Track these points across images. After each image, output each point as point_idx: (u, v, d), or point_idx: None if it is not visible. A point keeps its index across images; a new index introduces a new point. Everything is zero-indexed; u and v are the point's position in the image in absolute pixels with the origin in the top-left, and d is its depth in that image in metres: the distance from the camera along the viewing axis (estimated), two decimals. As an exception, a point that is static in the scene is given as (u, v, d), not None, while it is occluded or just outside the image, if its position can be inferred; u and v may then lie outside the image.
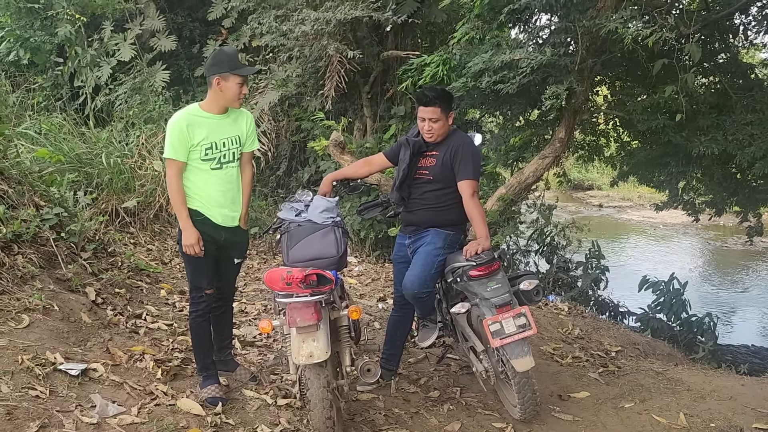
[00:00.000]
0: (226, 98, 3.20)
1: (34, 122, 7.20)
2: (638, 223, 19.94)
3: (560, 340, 4.89)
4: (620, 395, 3.80)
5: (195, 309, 3.36)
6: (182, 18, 10.27)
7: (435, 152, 3.49)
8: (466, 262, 3.25)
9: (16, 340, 3.28)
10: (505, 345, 3.07)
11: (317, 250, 3.11)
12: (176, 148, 3.14)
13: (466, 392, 3.79)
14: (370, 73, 8.69)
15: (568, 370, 4.25)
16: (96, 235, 5.04)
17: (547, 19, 6.18)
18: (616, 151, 9.14)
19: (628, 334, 5.70)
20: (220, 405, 3.23)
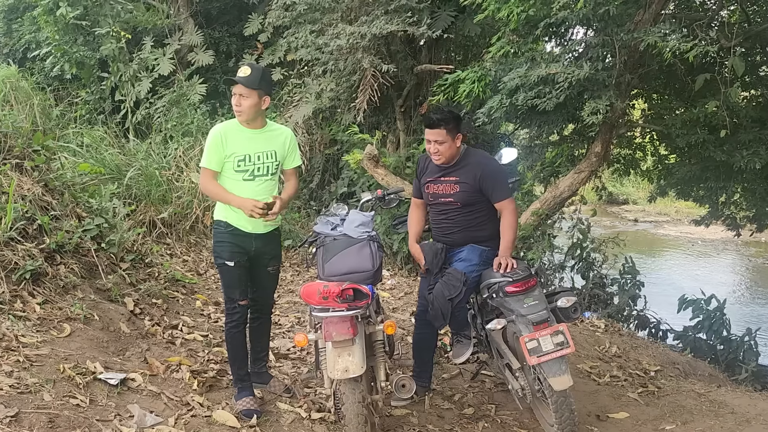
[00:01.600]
0: (263, 109, 3.27)
1: (77, 135, 7.40)
2: (676, 239, 19.50)
3: (597, 358, 4.79)
4: (661, 417, 3.70)
5: (230, 320, 3.39)
6: (219, 33, 10.48)
7: (452, 177, 3.53)
8: (501, 278, 3.22)
9: (58, 349, 3.36)
10: (542, 363, 3.02)
11: (353, 264, 3.11)
12: (210, 157, 3.26)
13: (501, 410, 3.74)
14: (403, 87, 8.73)
15: (606, 389, 4.15)
16: (134, 246, 5.15)
17: (584, 33, 6.11)
18: (653, 165, 8.97)
19: (668, 353, 5.56)
20: (255, 417, 3.24)
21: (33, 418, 2.71)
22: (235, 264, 3.30)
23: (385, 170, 6.61)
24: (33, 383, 2.97)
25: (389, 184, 6.46)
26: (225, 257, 3.30)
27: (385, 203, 3.89)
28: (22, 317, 3.48)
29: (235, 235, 3.30)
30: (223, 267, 3.33)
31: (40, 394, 2.91)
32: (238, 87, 3.19)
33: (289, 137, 3.47)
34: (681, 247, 18.64)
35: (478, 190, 3.47)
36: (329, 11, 7.84)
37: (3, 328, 3.32)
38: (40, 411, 2.78)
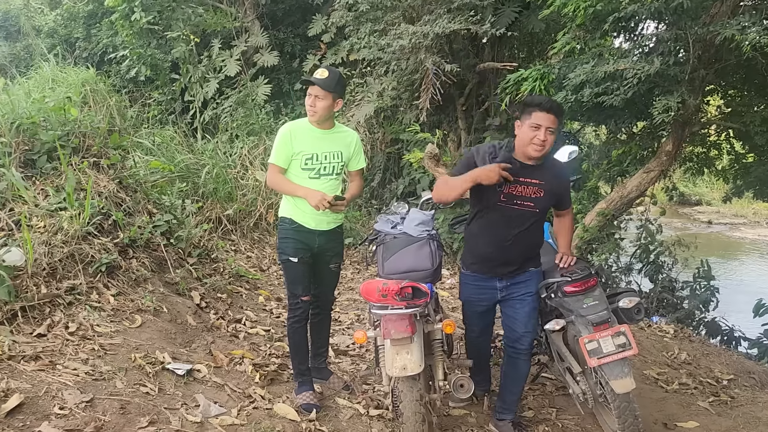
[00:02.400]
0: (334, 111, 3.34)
1: (149, 135, 7.71)
2: (753, 242, 18.54)
3: (665, 365, 4.61)
4: (734, 428, 3.52)
5: (292, 315, 3.46)
6: (284, 34, 10.69)
7: (536, 180, 3.04)
8: (560, 278, 3.14)
9: (129, 339, 3.51)
10: (602, 365, 2.93)
11: (412, 262, 3.11)
12: (278, 154, 3.34)
13: (562, 414, 3.65)
14: (465, 85, 8.66)
15: (674, 397, 3.99)
16: (201, 242, 5.32)
17: (654, 27, 5.88)
18: (729, 164, 8.55)
19: (742, 361, 5.28)
20: (314, 412, 3.29)
21: (106, 404, 2.85)
22: (299, 260, 3.37)
23: (446, 169, 6.56)
24: (107, 371, 3.11)
25: (450, 182, 6.42)
26: (289, 253, 3.38)
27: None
28: (98, 308, 3.65)
29: (299, 232, 3.38)
30: (287, 263, 3.41)
31: (113, 382, 3.04)
32: (314, 88, 3.25)
33: (355, 139, 3.53)
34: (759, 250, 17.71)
35: (554, 197, 3.14)
36: (391, 10, 7.86)
37: (80, 318, 3.50)
38: (112, 397, 2.91)
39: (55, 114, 4.66)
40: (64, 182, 4.17)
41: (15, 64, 11.08)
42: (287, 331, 3.54)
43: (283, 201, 3.49)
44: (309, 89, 3.29)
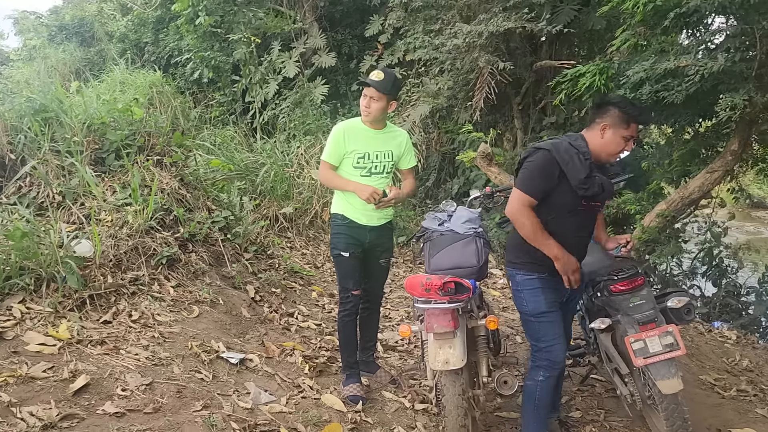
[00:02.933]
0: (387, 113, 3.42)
1: (211, 134, 8.00)
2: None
3: (724, 371, 4.46)
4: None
5: (343, 309, 3.55)
6: (342, 35, 10.85)
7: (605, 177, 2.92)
8: (607, 277, 3.10)
9: (187, 328, 3.68)
10: (649, 365, 2.88)
11: (458, 259, 3.15)
12: (331, 152, 3.44)
13: (610, 416, 3.59)
14: (521, 84, 8.58)
15: (731, 403, 3.85)
16: (257, 238, 5.49)
17: (720, 23, 5.68)
18: None
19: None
20: (361, 403, 3.37)
21: (164, 388, 3.01)
22: (350, 255, 3.45)
23: (499, 169, 6.55)
24: (165, 357, 3.28)
25: (502, 182, 6.38)
26: (341, 248, 3.47)
27: (493, 201, 3.88)
28: (158, 298, 3.85)
29: (351, 228, 3.47)
30: (338, 257, 3.50)
31: (170, 367, 3.21)
32: (369, 89, 3.34)
33: (405, 139, 3.60)
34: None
35: (611, 194, 3.03)
36: (446, 8, 7.88)
37: (142, 307, 3.70)
38: (170, 382, 3.07)
39: (123, 115, 4.92)
40: (130, 179, 4.41)
41: (89, 68, 11.70)
42: (337, 324, 3.63)
43: (335, 198, 3.59)
44: (364, 90, 3.37)
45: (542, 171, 2.75)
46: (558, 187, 2.74)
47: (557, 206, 2.79)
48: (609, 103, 2.82)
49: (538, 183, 2.74)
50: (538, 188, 2.74)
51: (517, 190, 2.77)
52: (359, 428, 3.20)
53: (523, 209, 2.74)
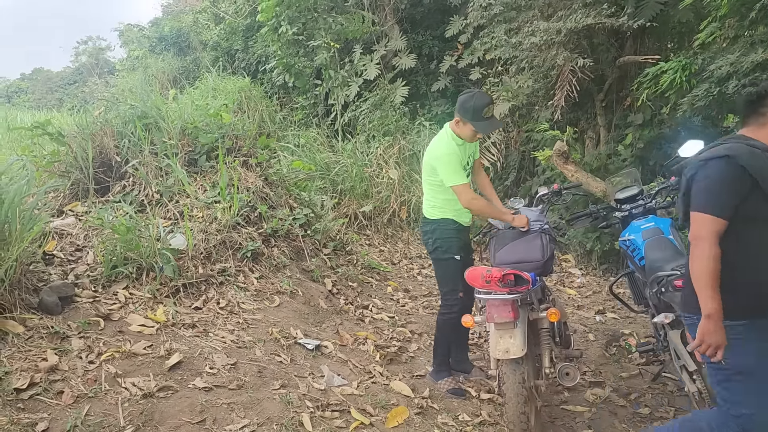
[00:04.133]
0: (463, 135, 3.53)
1: (295, 136, 8.39)
2: None
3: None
4: None
5: (449, 311, 3.63)
6: (422, 36, 11.01)
7: None
8: (671, 271, 3.09)
9: (269, 316, 3.98)
10: (711, 362, 2.85)
11: (522, 254, 3.25)
12: (462, 172, 3.49)
13: (680, 413, 3.56)
14: (605, 80, 8.42)
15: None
16: (337, 235, 5.76)
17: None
18: None
19: None
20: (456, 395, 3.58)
21: (246, 368, 3.30)
22: (461, 258, 3.60)
23: (576, 166, 6.50)
24: (248, 341, 3.59)
25: (578, 180, 6.34)
26: (454, 252, 3.60)
27: (560, 198, 3.93)
28: (243, 288, 4.17)
29: (460, 231, 3.64)
30: (451, 260, 3.61)
31: (253, 350, 3.51)
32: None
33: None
34: None
35: None
36: (525, 8, 7.88)
37: (229, 296, 4.03)
38: (252, 363, 3.36)
39: (213, 119, 5.33)
40: (218, 179, 4.78)
41: (185, 76, 12.52)
42: (441, 325, 3.70)
43: (431, 204, 3.67)
44: (484, 132, 3.58)
45: (730, 184, 2.24)
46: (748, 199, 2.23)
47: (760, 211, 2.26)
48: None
49: (726, 199, 2.23)
50: (727, 205, 2.23)
51: (701, 214, 2.25)
52: (425, 413, 3.36)
53: (713, 238, 2.21)
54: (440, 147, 3.51)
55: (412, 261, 6.77)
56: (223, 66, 12.01)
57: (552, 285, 6.40)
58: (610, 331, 4.88)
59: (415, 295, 5.64)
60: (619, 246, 3.97)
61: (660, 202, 4.02)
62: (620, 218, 4.00)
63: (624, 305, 4.12)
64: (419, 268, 6.53)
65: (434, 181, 3.57)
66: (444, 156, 3.46)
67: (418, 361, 4.10)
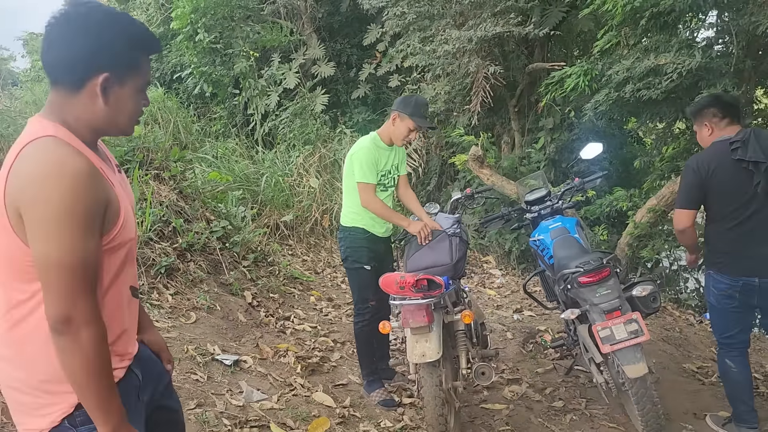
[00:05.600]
0: (394, 134, 3.57)
1: (213, 147, 8.22)
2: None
3: (709, 359, 4.57)
4: (765, 419, 3.49)
5: (361, 319, 3.67)
6: (341, 45, 11.06)
7: None
8: (575, 269, 3.25)
9: (184, 333, 3.87)
10: (615, 351, 3.02)
11: (433, 258, 3.32)
12: (370, 172, 3.51)
13: (592, 404, 3.74)
14: (516, 86, 8.72)
15: (710, 389, 3.97)
16: (258, 246, 5.68)
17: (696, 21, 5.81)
18: None
19: (799, 358, 5.12)
20: (395, 406, 3.59)
21: (160, 389, 3.19)
22: (372, 267, 3.60)
23: (490, 170, 6.69)
24: (162, 360, 3.47)
25: (495, 184, 6.54)
26: (363, 261, 3.62)
27: (473, 201, 4.04)
28: (157, 305, 4.04)
29: (371, 240, 3.64)
30: (360, 270, 3.63)
31: (167, 370, 3.39)
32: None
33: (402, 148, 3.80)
34: None
35: None
36: (438, 17, 8.05)
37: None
38: (166, 383, 3.25)
39: (122, 132, 5.14)
40: (129, 193, 4.61)
41: (96, 87, 11.97)
42: (357, 335, 3.74)
43: (349, 211, 3.69)
44: (413, 126, 3.52)
45: (690, 184, 3.24)
46: None
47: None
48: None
49: (686, 192, 3.25)
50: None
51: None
52: (347, 422, 3.36)
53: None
54: (360, 144, 3.60)
55: (336, 269, 6.76)
56: (136, 76, 11.61)
57: (473, 286, 6.55)
58: (527, 328, 5.04)
59: (339, 303, 5.63)
60: (530, 246, 4.12)
61: (566, 203, 4.22)
62: (530, 219, 4.17)
63: (537, 303, 4.28)
64: (343, 276, 6.52)
65: (352, 185, 3.60)
66: (361, 151, 3.52)
67: (340, 370, 4.10)
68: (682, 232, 3.28)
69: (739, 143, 3.08)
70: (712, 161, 3.14)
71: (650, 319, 5.15)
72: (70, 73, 1.37)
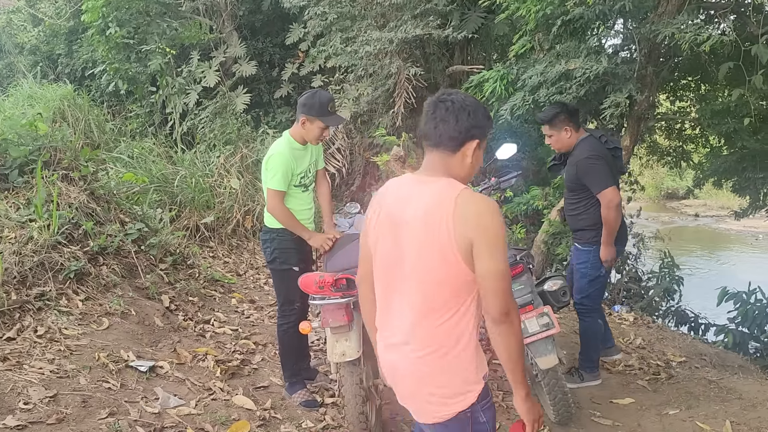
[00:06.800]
0: (308, 136, 3.52)
1: (128, 147, 7.92)
2: (738, 233, 18.81)
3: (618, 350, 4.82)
4: (666, 402, 3.73)
5: (287, 321, 3.61)
6: (263, 44, 10.90)
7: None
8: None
9: (96, 340, 3.71)
10: (528, 344, 3.15)
11: (352, 259, 3.32)
12: (282, 180, 3.44)
13: (509, 397, 3.86)
14: (438, 88, 8.85)
15: (617, 377, 4.20)
16: (177, 249, 5.52)
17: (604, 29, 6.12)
18: (707, 157, 8.79)
19: (696, 344, 5.50)
20: (307, 406, 3.55)
21: (69, 399, 3.05)
22: (300, 269, 3.54)
23: (413, 170, 6.79)
24: (71, 369, 3.32)
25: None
26: (293, 263, 3.56)
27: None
28: (66, 312, 3.85)
29: (299, 242, 3.59)
30: (289, 272, 3.55)
31: (76, 379, 3.25)
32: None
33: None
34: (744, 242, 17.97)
35: (575, 179, 3.79)
36: (360, 18, 8.10)
37: (48, 322, 3.70)
38: (75, 393, 3.12)
39: (27, 130, 4.87)
40: (34, 195, 4.38)
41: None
42: (281, 337, 3.67)
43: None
44: (324, 126, 3.45)
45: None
46: None
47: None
48: None
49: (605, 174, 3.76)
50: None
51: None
52: (268, 424, 3.33)
53: None
54: (275, 149, 3.52)
55: (259, 271, 6.67)
56: (44, 72, 11.02)
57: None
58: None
59: (261, 305, 5.56)
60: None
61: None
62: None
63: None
64: (266, 278, 6.44)
65: None
66: (276, 157, 3.45)
67: (261, 372, 4.05)
68: (618, 205, 3.62)
69: (605, 137, 3.81)
70: (600, 151, 3.70)
71: (561, 313, 5.39)
72: (453, 141, 1.85)
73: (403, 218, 1.85)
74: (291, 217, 3.50)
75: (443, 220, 1.75)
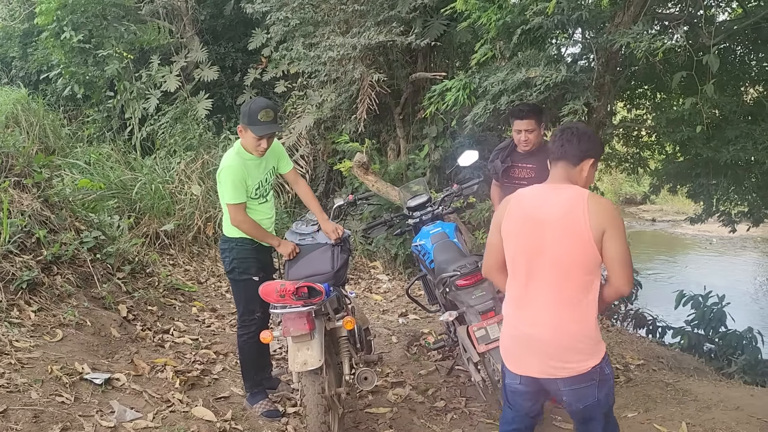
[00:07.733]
0: (248, 147, 3.44)
1: (84, 153, 7.72)
2: (693, 237, 19.33)
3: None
4: (624, 405, 3.80)
5: (247, 331, 3.55)
6: (225, 49, 10.77)
7: (530, 165, 3.98)
8: (453, 272, 3.37)
9: (49, 353, 3.60)
10: (491, 350, 3.17)
11: (314, 267, 3.32)
12: (236, 193, 3.37)
13: (471, 402, 3.89)
14: (401, 95, 8.91)
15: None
16: (136, 257, 5.39)
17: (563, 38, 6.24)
18: (662, 164, 9.03)
19: (654, 347, 5.63)
20: (274, 417, 3.51)
21: (19, 414, 2.94)
22: (260, 278, 3.48)
23: (375, 176, 6.79)
24: (22, 383, 3.20)
25: (380, 190, 6.63)
26: (252, 273, 3.50)
27: (356, 207, 4.08)
28: (17, 324, 3.73)
29: (259, 251, 3.54)
30: (248, 282, 3.49)
31: (28, 393, 3.14)
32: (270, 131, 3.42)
33: (277, 145, 3.70)
34: (698, 246, 18.48)
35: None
36: (323, 24, 8.08)
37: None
38: (26, 408, 3.01)
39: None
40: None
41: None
42: (242, 347, 3.62)
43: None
44: (261, 135, 3.32)
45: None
46: None
47: None
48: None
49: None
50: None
51: None
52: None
53: None
54: (225, 162, 3.44)
55: (221, 279, 6.56)
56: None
57: (360, 292, 6.60)
58: (411, 331, 5.16)
59: (223, 313, 5.47)
60: (411, 251, 4.23)
61: (446, 208, 4.37)
62: (413, 225, 4.27)
63: (420, 306, 4.38)
64: (228, 286, 6.33)
65: None
66: (227, 170, 3.37)
67: (222, 382, 3.98)
68: None
69: None
70: None
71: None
72: (575, 158, 2.35)
73: (541, 216, 2.30)
74: (257, 228, 3.46)
75: (580, 214, 2.22)
